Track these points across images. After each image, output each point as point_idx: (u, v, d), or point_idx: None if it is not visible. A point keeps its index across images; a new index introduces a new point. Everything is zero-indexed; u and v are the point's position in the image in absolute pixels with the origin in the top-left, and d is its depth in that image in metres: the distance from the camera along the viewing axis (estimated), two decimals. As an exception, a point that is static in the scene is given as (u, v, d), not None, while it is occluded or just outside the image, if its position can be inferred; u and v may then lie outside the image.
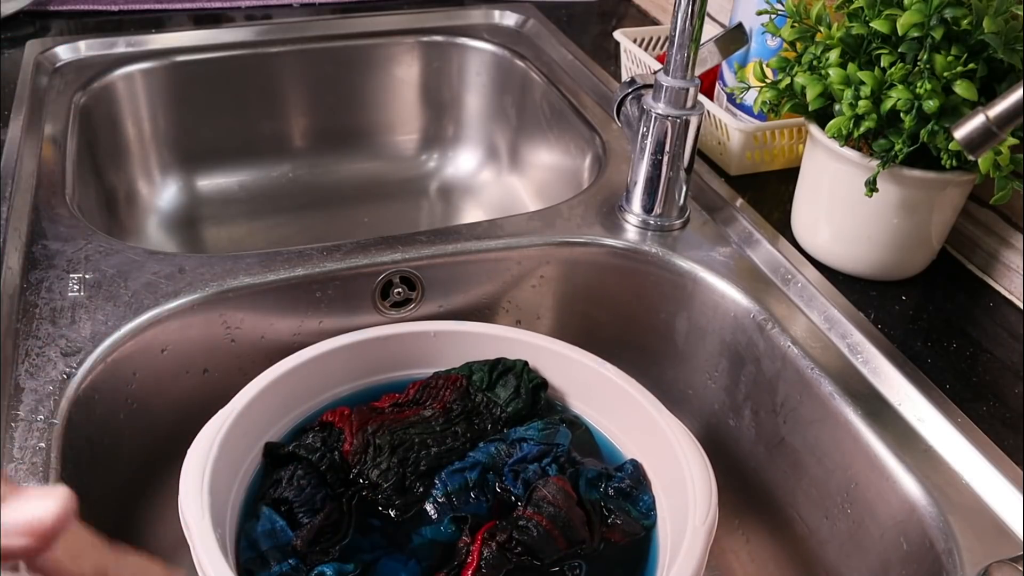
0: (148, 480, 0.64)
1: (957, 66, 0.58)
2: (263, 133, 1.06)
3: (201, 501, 0.50)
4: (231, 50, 1.00)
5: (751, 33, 0.79)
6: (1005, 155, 0.59)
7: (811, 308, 0.66)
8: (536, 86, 1.01)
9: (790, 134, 0.81)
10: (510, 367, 0.65)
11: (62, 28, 1.01)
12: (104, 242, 0.67)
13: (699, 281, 0.70)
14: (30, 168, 0.75)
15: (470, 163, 1.12)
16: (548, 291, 0.74)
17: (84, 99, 0.91)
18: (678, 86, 0.67)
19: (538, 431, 0.61)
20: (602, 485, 0.59)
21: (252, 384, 0.59)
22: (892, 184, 0.64)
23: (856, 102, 0.61)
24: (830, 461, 0.61)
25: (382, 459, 0.58)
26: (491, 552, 0.52)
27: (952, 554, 0.50)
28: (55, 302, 0.62)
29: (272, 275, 0.65)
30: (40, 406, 0.54)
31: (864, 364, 0.62)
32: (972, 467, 0.54)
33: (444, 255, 0.70)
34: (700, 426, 0.73)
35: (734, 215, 0.75)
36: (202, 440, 0.54)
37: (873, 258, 0.68)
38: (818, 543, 0.63)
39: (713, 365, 0.71)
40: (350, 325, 0.67)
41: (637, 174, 0.72)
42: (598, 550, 0.56)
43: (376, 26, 1.07)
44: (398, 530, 0.56)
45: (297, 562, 0.52)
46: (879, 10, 0.61)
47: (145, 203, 1.00)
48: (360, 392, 0.65)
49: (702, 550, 0.51)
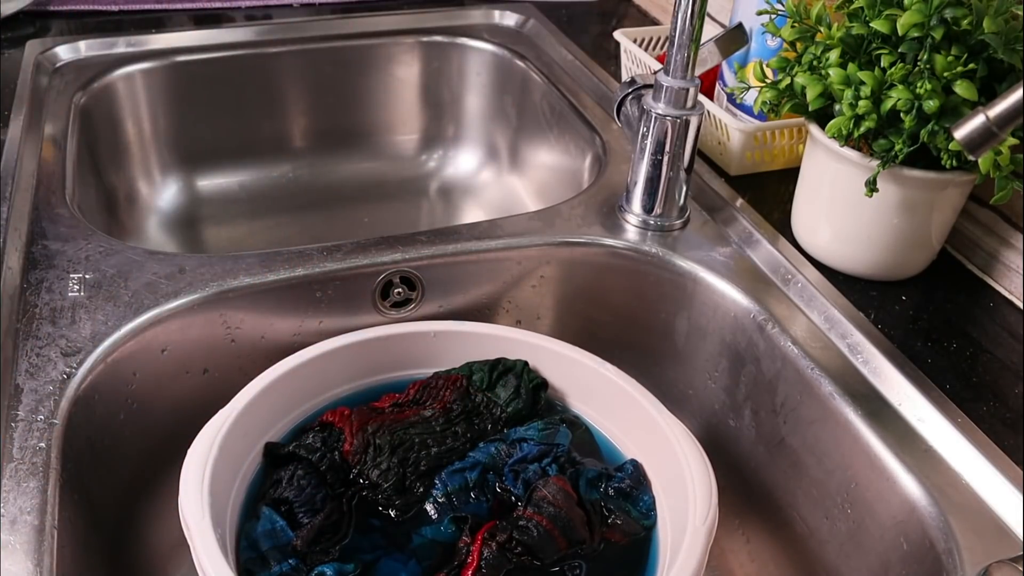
0: (148, 480, 0.64)
1: (957, 66, 0.58)
2: (263, 133, 1.06)
3: (201, 501, 0.50)
4: (231, 50, 1.00)
5: (751, 33, 0.79)
6: (1005, 155, 0.59)
7: (811, 308, 0.66)
8: (536, 86, 1.01)
9: (790, 134, 0.81)
10: (510, 367, 0.65)
11: (62, 28, 1.01)
12: (104, 242, 0.67)
13: (699, 281, 0.70)
14: (30, 168, 0.75)
15: (470, 163, 1.12)
16: (548, 291, 0.74)
17: (84, 99, 0.91)
18: (678, 86, 0.67)
19: (538, 431, 0.61)
20: (602, 485, 0.59)
21: (252, 384, 0.59)
22: (892, 184, 0.64)
23: (856, 102, 0.61)
24: (830, 461, 0.61)
25: (382, 459, 0.58)
26: (491, 552, 0.52)
27: (952, 554, 0.50)
28: (55, 302, 0.62)
29: (272, 275, 0.65)
30: (40, 406, 0.54)
31: (864, 364, 0.62)
32: (972, 467, 0.54)
33: (444, 255, 0.70)
34: (700, 426, 0.73)
35: (734, 215, 0.75)
36: (202, 440, 0.54)
37: (873, 258, 0.68)
38: (818, 543, 0.63)
39: (713, 365, 0.71)
40: (350, 325, 0.67)
41: (637, 174, 0.72)
42: (598, 550, 0.56)
43: (376, 26, 1.07)
44: (398, 530, 0.56)
45: (297, 562, 0.52)
46: (879, 10, 0.61)
47: (145, 203, 1.00)
48: (360, 392, 0.65)
49: (702, 550, 0.51)
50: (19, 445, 0.51)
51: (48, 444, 0.52)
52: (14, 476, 0.50)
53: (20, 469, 0.50)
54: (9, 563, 0.45)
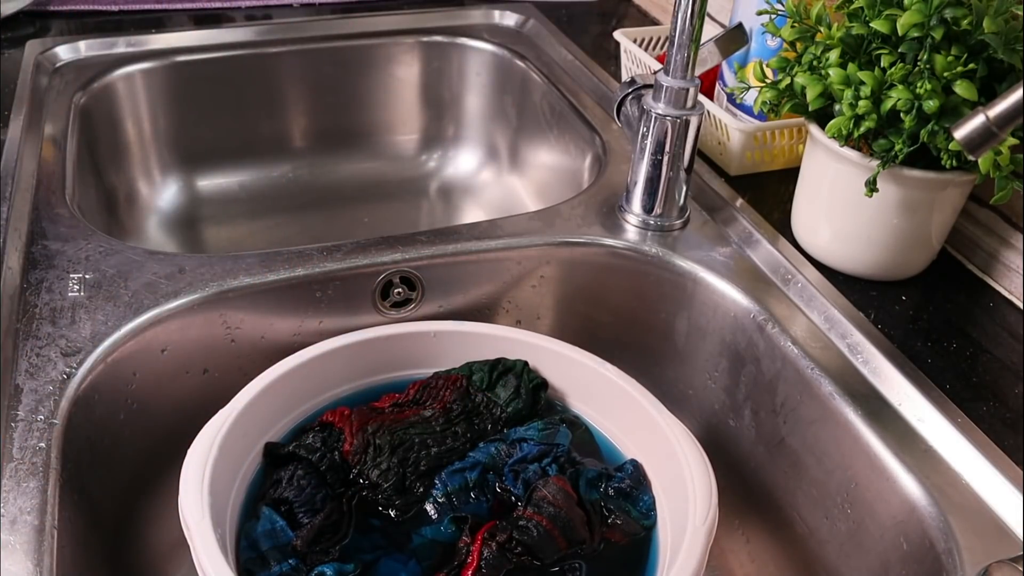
0: (148, 480, 0.64)
1: (957, 66, 0.58)
2: (263, 133, 1.06)
3: (201, 501, 0.50)
4: (231, 50, 1.00)
5: (751, 33, 0.79)
6: (1005, 155, 0.59)
7: (811, 308, 0.66)
8: (536, 86, 1.01)
9: (790, 134, 0.81)
10: (510, 367, 0.65)
11: (62, 28, 1.01)
12: (104, 242, 0.67)
13: (699, 281, 0.70)
14: (30, 168, 0.75)
15: (470, 163, 1.12)
16: (548, 291, 0.74)
17: (84, 99, 0.91)
18: (678, 86, 0.67)
19: (538, 431, 0.61)
20: (602, 485, 0.59)
21: (252, 384, 0.59)
22: (892, 184, 0.64)
23: (856, 102, 0.61)
24: (830, 461, 0.61)
25: (382, 459, 0.58)
26: (491, 552, 0.52)
27: (952, 554, 0.50)
28: (55, 302, 0.62)
29: (272, 275, 0.65)
30: (40, 406, 0.54)
31: (864, 364, 0.62)
32: (972, 467, 0.54)
33: (444, 255, 0.70)
34: (700, 426, 0.73)
35: (734, 215, 0.75)
36: (202, 440, 0.54)
37: (873, 258, 0.68)
38: (818, 543, 0.63)
39: (713, 365, 0.71)
40: (350, 325, 0.67)
41: (637, 174, 0.72)
42: (598, 550, 0.56)
43: (376, 26, 1.07)
44: (398, 530, 0.56)
45: (297, 562, 0.52)
46: (879, 10, 0.61)
47: (145, 203, 1.00)
48: (360, 392, 0.65)
49: (702, 550, 0.51)
50: (19, 445, 0.51)
51: (48, 444, 0.52)
52: (14, 476, 0.50)
53: (20, 469, 0.50)
54: (9, 563, 0.45)
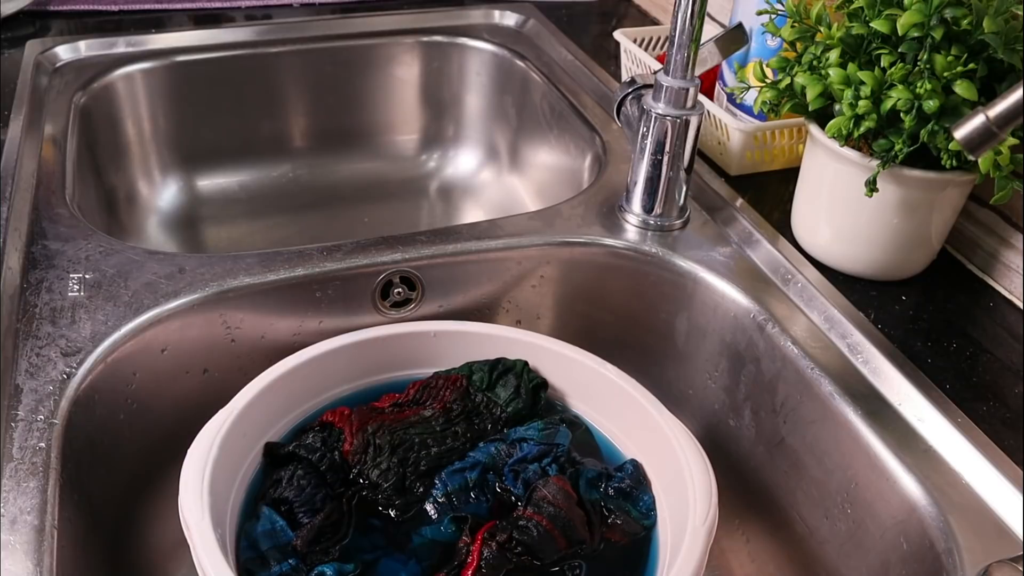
0: (148, 480, 0.64)
1: (957, 66, 0.58)
2: (263, 133, 1.06)
3: (201, 501, 0.50)
4: (231, 50, 1.00)
5: (751, 33, 0.79)
6: (1005, 155, 0.59)
7: (811, 308, 0.66)
8: (536, 86, 1.01)
9: (790, 134, 0.81)
10: (510, 367, 0.65)
11: (62, 28, 1.01)
12: (104, 242, 0.67)
13: (699, 281, 0.70)
14: (30, 168, 0.75)
15: (470, 163, 1.12)
16: (548, 291, 0.74)
17: (84, 99, 0.91)
18: (678, 86, 0.67)
19: (538, 431, 0.61)
20: (602, 485, 0.59)
21: (252, 384, 0.59)
22: (892, 184, 0.64)
23: (856, 102, 0.61)
24: (830, 461, 0.61)
25: (382, 459, 0.58)
26: (491, 552, 0.52)
27: (952, 554, 0.50)
28: (55, 302, 0.62)
29: (272, 275, 0.65)
30: (40, 406, 0.54)
31: (864, 364, 0.62)
32: (972, 467, 0.54)
33: (444, 255, 0.70)
34: (700, 426, 0.73)
35: (734, 215, 0.75)
36: (202, 440, 0.54)
37: (873, 258, 0.68)
38: (818, 543, 0.63)
39: (713, 365, 0.71)
40: (350, 325, 0.67)
41: (637, 174, 0.72)
42: (598, 550, 0.56)
43: (376, 26, 1.07)
44: (398, 530, 0.56)
45: (297, 562, 0.52)
46: (879, 10, 0.61)
47: (145, 203, 1.00)
48: (360, 392, 0.65)
49: (702, 550, 0.51)
50: (19, 445, 0.51)
51: (48, 444, 0.52)
52: (14, 476, 0.50)
53: (20, 469, 0.50)
54: (9, 563, 0.45)
